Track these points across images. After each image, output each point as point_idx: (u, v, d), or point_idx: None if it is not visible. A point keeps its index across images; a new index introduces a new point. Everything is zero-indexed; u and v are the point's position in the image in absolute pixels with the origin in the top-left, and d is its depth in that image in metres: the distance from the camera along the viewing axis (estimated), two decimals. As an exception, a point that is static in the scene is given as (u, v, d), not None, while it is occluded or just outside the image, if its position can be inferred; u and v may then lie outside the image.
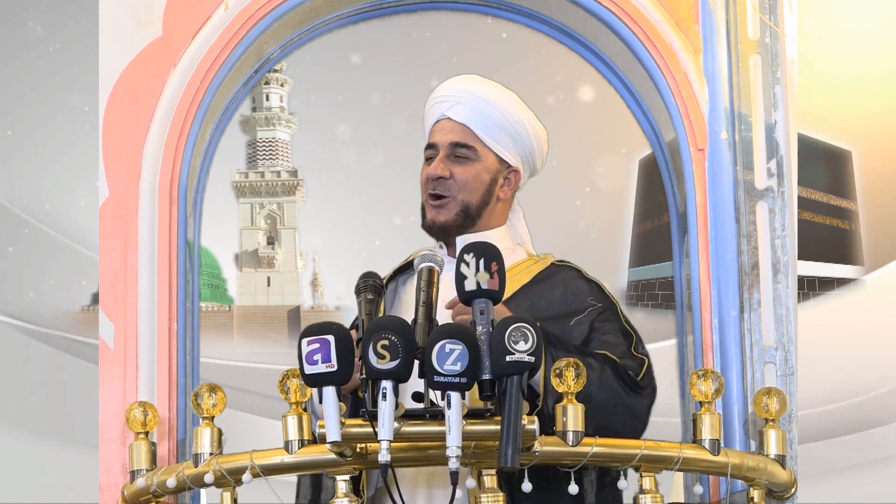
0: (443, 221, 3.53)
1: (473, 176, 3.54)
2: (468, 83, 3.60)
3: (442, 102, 3.57)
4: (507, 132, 3.56)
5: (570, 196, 7.30)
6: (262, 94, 8.81)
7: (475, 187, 3.54)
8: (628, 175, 7.33)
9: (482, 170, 3.54)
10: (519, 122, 3.58)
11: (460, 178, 3.53)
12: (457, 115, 3.55)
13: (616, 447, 3.20)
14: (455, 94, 3.57)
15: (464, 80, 3.61)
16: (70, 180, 7.26)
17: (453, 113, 3.55)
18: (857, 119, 7.07)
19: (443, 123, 3.57)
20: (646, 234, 7.33)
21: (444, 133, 3.56)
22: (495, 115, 3.55)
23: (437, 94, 3.61)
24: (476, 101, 3.55)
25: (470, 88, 3.57)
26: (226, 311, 8.20)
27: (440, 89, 3.61)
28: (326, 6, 3.82)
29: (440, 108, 3.57)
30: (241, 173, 8.81)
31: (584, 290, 3.52)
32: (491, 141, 3.55)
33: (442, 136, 3.56)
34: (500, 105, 3.56)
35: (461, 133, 3.55)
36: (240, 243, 8.63)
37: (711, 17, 3.69)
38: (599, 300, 3.49)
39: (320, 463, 3.18)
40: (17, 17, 7.28)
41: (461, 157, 3.54)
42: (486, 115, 3.55)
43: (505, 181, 3.58)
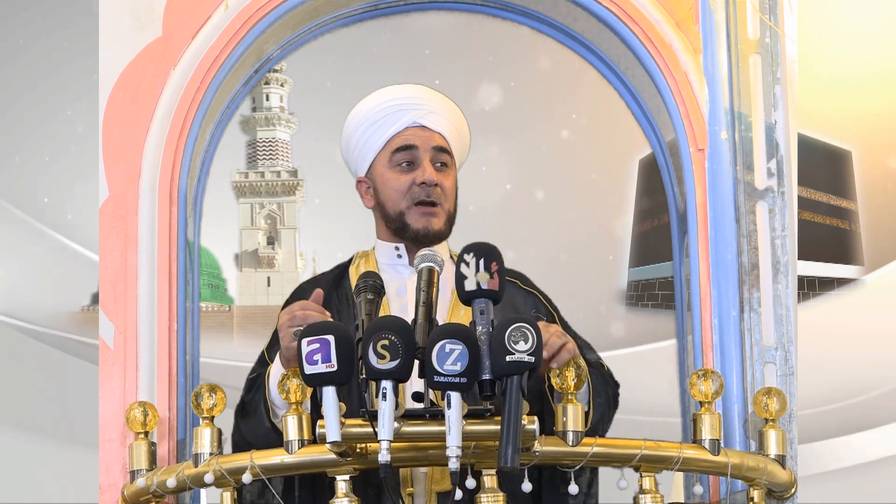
0: (437, 230, 3.51)
1: (452, 185, 3.56)
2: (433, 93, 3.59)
3: (413, 109, 3.54)
4: (462, 142, 3.60)
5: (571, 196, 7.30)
6: (262, 94, 8.82)
7: (453, 196, 3.56)
8: (628, 175, 7.33)
9: (454, 178, 3.57)
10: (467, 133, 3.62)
11: (446, 187, 3.53)
12: (432, 124, 3.54)
13: (616, 447, 3.20)
14: (426, 103, 3.55)
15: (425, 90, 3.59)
16: (70, 180, 7.26)
17: (428, 121, 3.54)
18: (857, 119, 7.07)
19: (416, 130, 3.54)
20: (646, 234, 7.33)
21: (422, 138, 3.54)
22: (460, 128, 3.59)
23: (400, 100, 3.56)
24: (447, 112, 3.57)
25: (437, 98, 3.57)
26: (226, 311, 8.20)
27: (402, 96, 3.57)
28: (326, 6, 3.82)
29: (410, 115, 3.54)
30: (241, 173, 8.81)
31: (525, 303, 3.54)
32: (455, 152, 3.57)
33: (423, 141, 3.53)
34: (461, 119, 3.60)
35: (440, 140, 3.55)
36: (240, 243, 8.64)
37: (711, 17, 3.69)
38: (541, 311, 3.50)
39: (320, 463, 3.18)
40: (17, 17, 7.28)
41: (442, 165, 3.54)
42: (453, 126, 3.57)
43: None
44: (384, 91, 3.61)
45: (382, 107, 3.56)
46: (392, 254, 3.57)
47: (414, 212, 3.52)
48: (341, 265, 3.68)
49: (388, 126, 3.55)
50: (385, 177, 3.55)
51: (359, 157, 3.60)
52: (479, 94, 7.22)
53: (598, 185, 7.37)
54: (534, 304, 3.54)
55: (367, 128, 3.57)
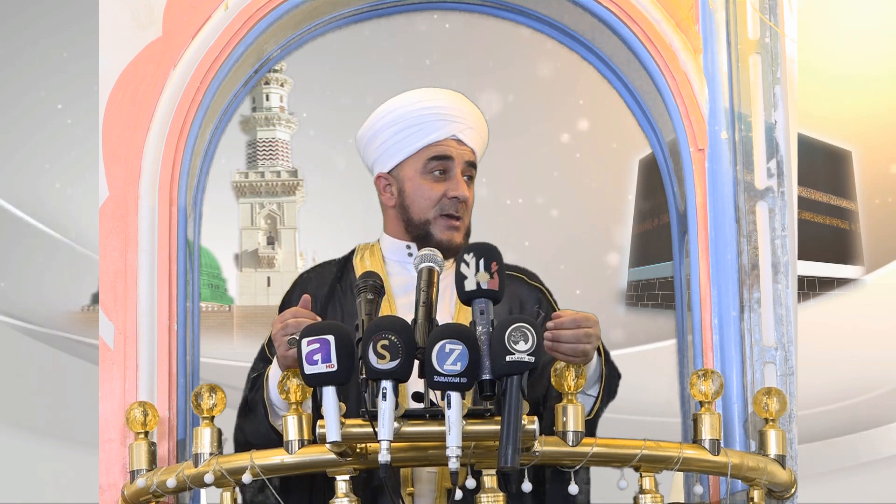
0: (458, 243, 3.51)
1: (473, 200, 3.57)
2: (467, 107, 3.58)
3: (453, 121, 3.54)
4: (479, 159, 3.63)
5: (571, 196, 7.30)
6: (262, 94, 8.82)
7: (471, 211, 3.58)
8: (628, 175, 7.33)
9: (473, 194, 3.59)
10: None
11: (469, 203, 3.56)
12: (468, 140, 3.55)
13: (616, 447, 3.20)
14: (467, 117, 3.56)
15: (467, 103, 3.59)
16: (70, 180, 7.26)
17: (465, 137, 3.54)
18: (857, 119, 7.07)
19: (453, 143, 3.53)
20: (646, 234, 7.33)
21: (459, 152, 3.54)
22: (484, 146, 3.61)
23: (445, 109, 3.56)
24: (482, 130, 3.58)
25: (471, 114, 3.57)
26: (226, 311, 8.20)
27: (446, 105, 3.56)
28: (326, 6, 3.82)
29: (451, 127, 3.53)
30: (241, 173, 8.81)
31: (529, 298, 3.54)
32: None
33: (458, 155, 3.54)
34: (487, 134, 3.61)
35: (471, 155, 3.56)
36: (240, 243, 8.64)
37: (711, 17, 3.69)
38: (544, 308, 3.50)
39: (320, 463, 3.18)
40: (17, 17, 7.28)
41: (469, 179, 3.56)
42: (483, 145, 3.59)
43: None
44: (423, 94, 3.59)
45: (423, 112, 3.55)
46: (402, 251, 3.57)
47: (440, 223, 3.52)
48: (343, 257, 3.66)
49: (426, 133, 3.54)
50: (416, 182, 3.54)
51: (384, 154, 3.58)
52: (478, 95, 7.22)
53: (599, 185, 7.37)
54: (538, 300, 3.55)
55: (403, 129, 3.55)
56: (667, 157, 3.83)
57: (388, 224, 3.62)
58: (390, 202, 3.59)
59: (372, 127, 3.60)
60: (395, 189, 3.57)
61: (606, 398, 3.41)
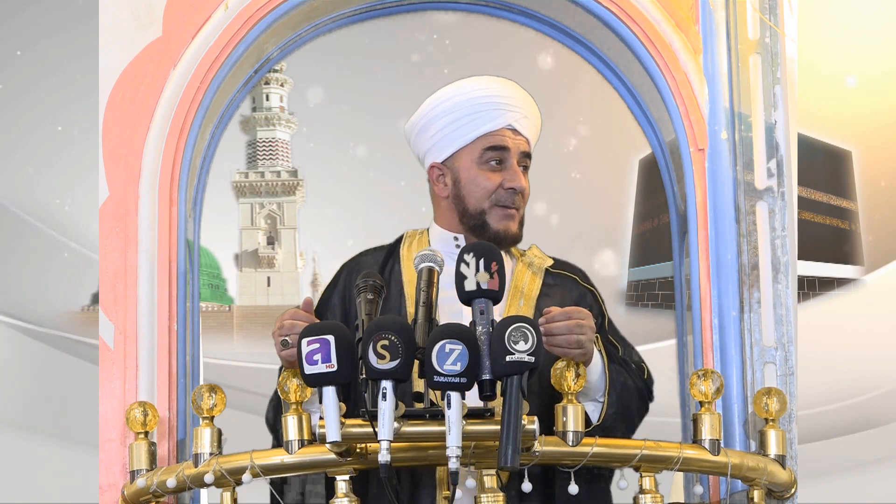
0: (514, 233, 3.52)
1: (529, 190, 3.56)
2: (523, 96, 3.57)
3: (510, 111, 3.52)
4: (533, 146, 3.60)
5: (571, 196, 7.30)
6: (262, 94, 8.81)
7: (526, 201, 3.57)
8: (628, 175, 7.33)
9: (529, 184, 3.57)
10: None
11: (525, 193, 3.55)
12: (523, 129, 3.54)
13: (616, 447, 3.20)
14: (523, 106, 3.54)
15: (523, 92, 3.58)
16: (70, 180, 7.26)
17: (521, 126, 3.53)
18: (857, 119, 7.07)
19: (507, 132, 3.52)
20: (646, 234, 7.33)
21: (515, 142, 3.52)
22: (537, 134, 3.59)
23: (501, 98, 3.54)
24: (536, 119, 3.57)
25: (526, 103, 3.56)
26: (226, 311, 8.20)
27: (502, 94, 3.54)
28: (326, 6, 3.82)
29: (508, 117, 3.52)
30: (241, 173, 8.81)
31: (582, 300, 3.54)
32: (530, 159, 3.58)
33: (514, 145, 3.52)
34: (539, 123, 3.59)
35: (526, 145, 3.55)
36: (240, 243, 8.64)
37: (711, 17, 3.69)
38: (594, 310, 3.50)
39: (320, 463, 3.18)
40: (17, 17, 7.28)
41: (524, 169, 3.55)
42: (534, 132, 3.57)
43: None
44: (479, 82, 3.57)
45: (479, 101, 3.52)
46: (450, 242, 3.55)
47: (496, 213, 3.51)
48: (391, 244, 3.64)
49: (483, 122, 3.52)
50: (472, 172, 3.52)
51: (438, 144, 3.56)
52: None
53: (599, 185, 7.37)
54: (588, 304, 3.53)
55: (459, 118, 3.53)
56: (667, 157, 3.83)
57: (440, 215, 3.60)
58: (443, 193, 3.56)
59: (425, 116, 3.57)
60: (448, 179, 3.55)
61: (618, 405, 3.38)
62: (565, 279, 3.56)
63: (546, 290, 3.52)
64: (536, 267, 3.56)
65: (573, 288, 3.56)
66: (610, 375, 3.36)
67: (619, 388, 3.37)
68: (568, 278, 3.56)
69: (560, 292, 3.51)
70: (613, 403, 3.36)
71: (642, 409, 3.48)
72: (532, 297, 3.49)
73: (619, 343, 3.53)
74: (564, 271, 3.58)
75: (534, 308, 3.47)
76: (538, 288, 3.52)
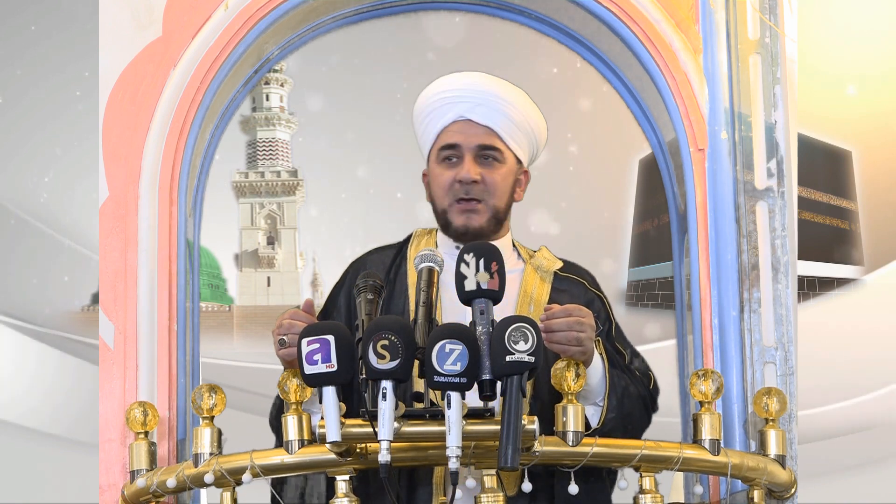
0: (477, 227, 3.46)
1: (501, 179, 3.49)
2: (484, 82, 3.52)
3: (458, 102, 3.49)
4: (522, 132, 3.52)
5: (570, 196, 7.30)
6: (262, 94, 8.81)
7: (503, 191, 3.50)
8: (628, 175, 7.33)
9: (507, 172, 3.50)
10: (532, 119, 3.53)
11: (490, 182, 3.47)
12: (479, 117, 3.48)
13: (616, 447, 3.20)
14: (473, 94, 3.49)
15: (479, 80, 3.53)
16: (70, 180, 7.26)
17: (475, 115, 3.48)
18: (857, 119, 7.07)
19: (461, 125, 3.49)
20: (646, 234, 7.33)
21: (467, 135, 3.48)
22: (514, 115, 3.50)
23: (445, 92, 3.52)
24: (497, 102, 3.48)
25: (488, 88, 3.50)
26: (226, 311, 8.20)
27: (447, 87, 3.52)
28: (326, 6, 3.82)
29: (456, 109, 3.48)
30: (241, 173, 8.81)
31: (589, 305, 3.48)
32: (511, 142, 3.50)
33: (466, 138, 3.48)
34: (517, 104, 3.51)
35: (486, 135, 3.48)
36: (240, 243, 8.64)
37: (711, 17, 3.69)
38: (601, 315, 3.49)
39: (320, 463, 3.18)
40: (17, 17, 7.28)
41: (488, 160, 3.48)
42: (507, 116, 3.49)
43: (517, 182, 3.55)
44: (436, 82, 3.55)
45: (433, 99, 3.52)
46: (451, 244, 3.52)
47: (455, 209, 3.49)
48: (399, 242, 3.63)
49: (436, 120, 3.51)
50: (435, 172, 3.52)
51: (422, 150, 3.57)
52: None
53: (599, 185, 7.37)
54: (596, 309, 3.51)
55: (422, 121, 3.54)
56: (667, 157, 3.83)
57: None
58: (428, 198, 3.57)
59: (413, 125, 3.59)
60: (427, 183, 3.56)
61: (618, 410, 3.37)
62: (574, 283, 3.55)
63: (555, 296, 3.50)
64: (545, 271, 3.54)
65: (581, 293, 3.54)
66: (610, 379, 3.35)
67: (619, 393, 3.36)
68: (576, 282, 3.55)
69: (569, 298, 3.49)
70: (613, 408, 3.34)
71: (645, 417, 3.45)
72: (542, 302, 3.48)
73: (625, 350, 3.51)
74: (573, 275, 3.56)
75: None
76: (547, 293, 3.51)
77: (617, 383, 3.36)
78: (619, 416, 3.35)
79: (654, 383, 3.50)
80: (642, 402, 3.43)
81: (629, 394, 3.39)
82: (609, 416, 3.33)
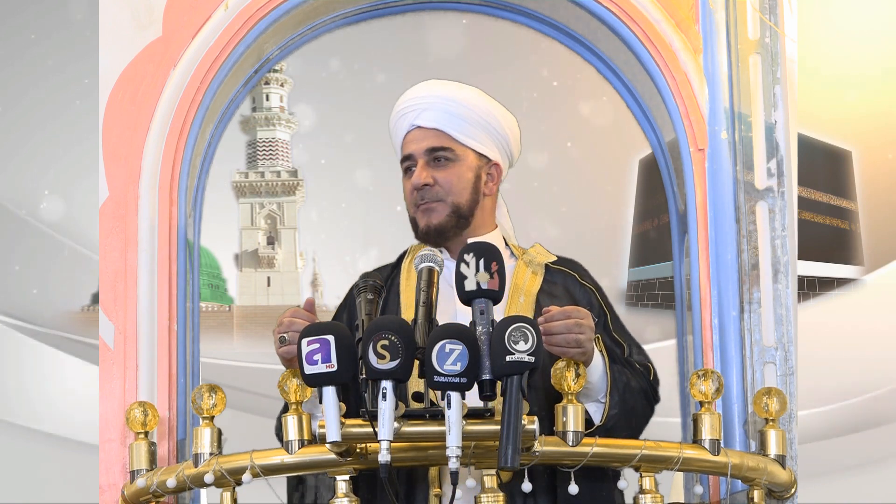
0: (436, 224, 3.48)
1: (457, 177, 3.50)
2: (431, 87, 3.55)
3: (409, 112, 3.52)
4: (479, 127, 3.52)
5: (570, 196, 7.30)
6: (262, 94, 8.81)
7: (462, 187, 3.50)
8: (628, 175, 7.33)
9: (464, 169, 3.51)
10: (489, 113, 3.53)
11: (445, 182, 3.49)
12: (427, 122, 3.50)
13: (616, 447, 3.20)
14: (420, 101, 3.52)
15: (426, 86, 3.56)
16: (70, 180, 7.26)
17: (422, 120, 3.50)
18: (857, 119, 7.07)
19: (414, 133, 3.51)
20: (646, 234, 7.33)
21: (417, 142, 3.51)
22: (464, 112, 3.51)
23: (401, 105, 3.55)
24: (443, 103, 3.50)
25: (434, 92, 3.53)
26: (226, 311, 8.20)
27: (402, 101, 3.56)
28: (326, 6, 3.82)
29: (408, 119, 3.52)
30: (241, 173, 8.81)
31: (582, 298, 3.52)
32: (466, 138, 3.51)
33: (416, 146, 3.51)
34: (466, 102, 3.52)
35: (435, 137, 3.50)
36: (240, 243, 8.63)
37: (711, 17, 3.69)
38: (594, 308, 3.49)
39: (320, 463, 3.18)
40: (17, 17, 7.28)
41: (441, 161, 3.50)
42: (455, 114, 3.50)
43: (488, 176, 3.55)
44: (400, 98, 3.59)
45: (393, 117, 3.57)
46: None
47: (418, 214, 3.52)
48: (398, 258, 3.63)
49: (397, 135, 3.56)
50: (403, 184, 3.56)
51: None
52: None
53: (598, 185, 7.37)
54: (589, 301, 3.53)
55: (392, 139, 3.59)
56: (667, 157, 3.83)
57: None
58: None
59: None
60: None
61: (620, 406, 3.37)
62: (565, 276, 3.55)
63: (546, 287, 3.51)
64: (537, 264, 3.55)
65: (573, 285, 3.55)
66: (612, 376, 3.35)
67: (621, 389, 3.36)
68: (567, 275, 3.56)
69: (561, 289, 3.50)
70: (616, 404, 3.35)
71: (647, 410, 3.46)
72: (532, 292, 3.48)
73: (624, 341, 3.51)
74: (565, 268, 3.57)
75: (534, 304, 3.47)
76: (538, 284, 3.51)
77: (618, 379, 3.36)
78: (621, 411, 3.35)
79: (654, 374, 3.50)
80: (644, 396, 3.44)
81: (631, 389, 3.39)
82: (612, 412, 3.34)
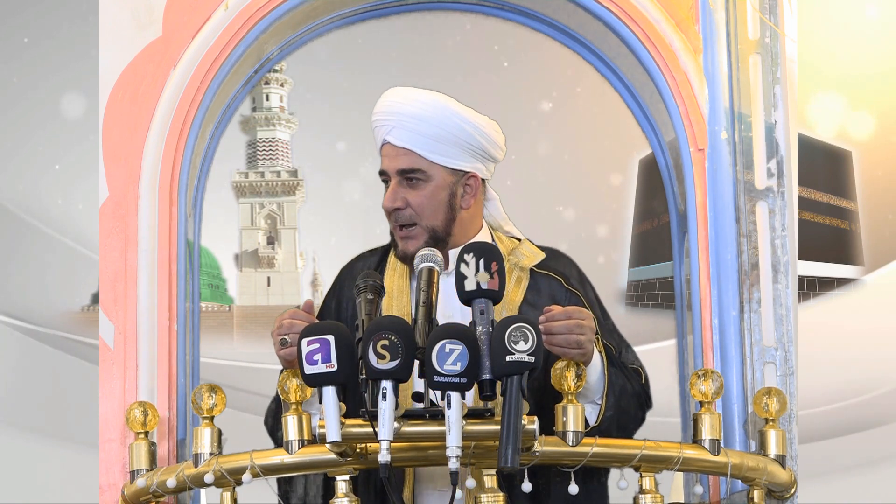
0: (413, 251, 3.38)
1: (429, 198, 3.43)
2: (397, 104, 3.46)
3: (380, 126, 3.47)
4: (450, 143, 3.44)
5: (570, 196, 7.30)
6: (262, 94, 8.81)
7: (435, 208, 3.44)
8: (628, 175, 7.33)
9: (436, 189, 3.44)
10: (459, 128, 3.44)
11: (417, 205, 3.43)
12: (396, 140, 3.43)
13: (616, 447, 3.21)
14: (389, 118, 3.45)
15: (394, 102, 3.47)
16: (70, 180, 7.26)
17: (392, 137, 3.44)
18: (858, 119, 7.07)
19: (387, 148, 3.46)
20: (646, 234, 7.33)
21: (390, 159, 3.45)
22: (433, 132, 3.42)
23: (374, 116, 3.49)
24: (410, 123, 3.43)
25: (401, 110, 3.44)
26: (226, 311, 8.20)
27: (375, 110, 3.49)
28: (326, 6, 3.82)
29: (380, 133, 3.47)
30: (241, 173, 8.80)
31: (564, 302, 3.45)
32: (437, 156, 3.43)
33: (389, 163, 3.45)
34: (434, 119, 3.43)
35: (406, 158, 3.43)
36: (240, 243, 8.63)
37: (711, 17, 3.69)
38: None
39: (320, 463, 3.18)
40: (16, 17, 7.28)
41: (413, 181, 3.44)
42: (422, 134, 3.42)
43: (465, 189, 3.48)
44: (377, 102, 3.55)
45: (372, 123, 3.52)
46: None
47: (397, 235, 3.48)
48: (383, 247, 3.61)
49: (376, 143, 3.51)
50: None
51: None
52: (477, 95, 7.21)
53: (598, 184, 7.37)
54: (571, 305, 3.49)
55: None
56: (667, 157, 3.83)
57: None
58: None
59: None
60: None
61: (615, 408, 3.37)
62: (551, 281, 3.51)
63: (530, 297, 3.47)
64: (521, 268, 3.51)
65: (558, 289, 3.51)
66: (609, 378, 3.35)
67: (617, 392, 3.36)
68: (553, 280, 3.52)
69: (546, 298, 3.46)
70: (611, 406, 3.35)
71: (640, 414, 3.45)
72: (515, 302, 3.45)
73: (615, 345, 3.50)
74: (550, 272, 3.52)
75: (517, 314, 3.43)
76: (522, 294, 3.48)
77: (615, 381, 3.36)
78: (615, 413, 3.36)
79: (645, 378, 3.49)
80: (637, 400, 3.44)
81: (626, 391, 3.39)
82: (607, 414, 3.34)
